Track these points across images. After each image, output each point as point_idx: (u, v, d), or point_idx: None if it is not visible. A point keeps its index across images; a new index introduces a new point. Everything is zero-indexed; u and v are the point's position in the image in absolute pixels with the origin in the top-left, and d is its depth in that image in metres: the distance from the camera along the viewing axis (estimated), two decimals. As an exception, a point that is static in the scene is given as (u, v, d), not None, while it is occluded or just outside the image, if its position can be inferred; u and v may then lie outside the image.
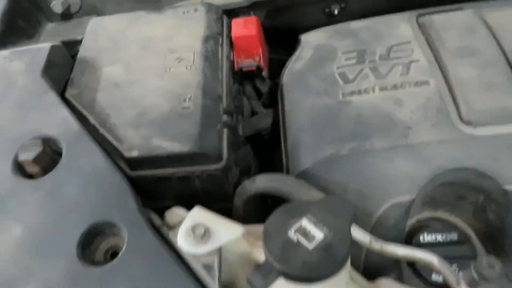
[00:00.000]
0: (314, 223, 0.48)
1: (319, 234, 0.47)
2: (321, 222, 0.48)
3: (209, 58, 0.78)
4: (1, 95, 0.74)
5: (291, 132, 0.73)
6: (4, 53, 0.83)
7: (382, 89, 0.70)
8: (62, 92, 0.78)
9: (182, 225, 0.53)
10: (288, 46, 0.91)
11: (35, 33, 0.99)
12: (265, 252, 0.47)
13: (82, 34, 0.89)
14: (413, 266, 0.69)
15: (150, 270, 0.50)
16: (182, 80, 0.74)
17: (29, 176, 0.63)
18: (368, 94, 0.70)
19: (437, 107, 0.66)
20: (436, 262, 0.52)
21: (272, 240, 0.47)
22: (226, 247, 0.54)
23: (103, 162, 0.61)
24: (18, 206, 0.59)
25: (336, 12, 1.05)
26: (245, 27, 0.84)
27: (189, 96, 0.71)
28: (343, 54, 0.77)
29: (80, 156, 0.62)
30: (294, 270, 0.45)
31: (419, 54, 0.73)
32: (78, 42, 0.87)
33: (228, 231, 0.53)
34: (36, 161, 0.61)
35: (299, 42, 0.85)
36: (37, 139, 0.64)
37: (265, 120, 0.89)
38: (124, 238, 0.55)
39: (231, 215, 0.68)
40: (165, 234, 0.55)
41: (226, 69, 0.81)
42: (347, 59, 0.75)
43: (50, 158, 0.63)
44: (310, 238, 0.47)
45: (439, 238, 0.69)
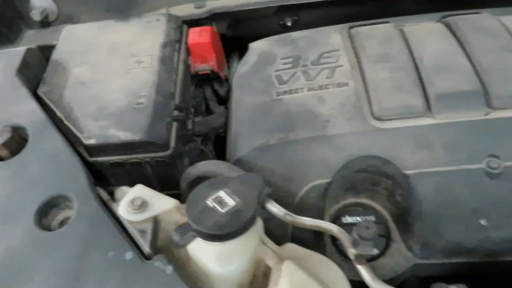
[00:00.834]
0: (229, 194, 0.58)
1: (232, 202, 0.57)
2: (234, 193, 0.58)
3: (165, 61, 0.88)
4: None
5: (233, 125, 0.84)
6: (-15, 55, 0.94)
7: (310, 89, 0.81)
8: (35, 89, 0.88)
9: (124, 198, 0.63)
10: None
11: (16, 38, 1.10)
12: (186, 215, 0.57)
13: (58, 40, 1.00)
14: (335, 244, 0.80)
15: (94, 234, 0.60)
16: (139, 79, 0.85)
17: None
18: (297, 93, 0.81)
19: (353, 104, 0.77)
20: (335, 230, 0.62)
21: (193, 206, 0.57)
22: (162, 217, 0.64)
23: (63, 147, 0.71)
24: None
25: (289, 24, 1.17)
26: (200, 35, 0.95)
27: (143, 93, 0.82)
28: (282, 59, 0.88)
29: (43, 141, 0.72)
30: (206, 228, 0.55)
31: (345, 60, 0.84)
32: (53, 47, 0.98)
33: (162, 203, 0.63)
34: (5, 145, 0.71)
35: (248, 49, 0.96)
36: (7, 127, 0.74)
37: (219, 119, 1.00)
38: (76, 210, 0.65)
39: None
40: (110, 206, 0.65)
41: (182, 71, 0.92)
42: (284, 64, 0.87)
43: (17, 143, 0.73)
44: (224, 205, 0.57)
45: (359, 219, 0.80)
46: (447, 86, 0.75)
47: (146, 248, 0.59)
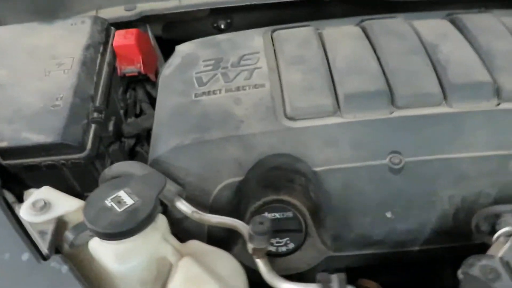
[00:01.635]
0: (128, 193, 0.59)
1: (130, 201, 0.58)
2: (134, 192, 0.59)
3: (86, 63, 0.88)
4: None
5: (154, 127, 0.85)
6: None
7: (227, 90, 0.83)
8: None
9: (27, 200, 0.63)
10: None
11: None
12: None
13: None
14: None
15: (-6, 235, 0.60)
16: (58, 82, 0.84)
17: None
18: (215, 94, 0.82)
19: (266, 105, 0.79)
20: (238, 226, 0.64)
21: (90, 206, 0.58)
22: (69, 218, 0.64)
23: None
24: None
25: (223, 26, 1.19)
26: (125, 38, 0.95)
27: (61, 95, 0.81)
28: (204, 61, 0.90)
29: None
30: (100, 227, 0.55)
31: (263, 62, 0.87)
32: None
33: (66, 205, 0.63)
34: None
35: (174, 51, 0.97)
36: None
37: (148, 120, 1.00)
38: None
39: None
40: (13, 208, 0.65)
41: (106, 73, 0.92)
42: (206, 66, 0.88)
43: None
44: (122, 205, 0.58)
45: (277, 215, 0.82)
46: (355, 87, 0.79)
47: (44, 248, 0.59)
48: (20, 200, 0.70)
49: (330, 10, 1.20)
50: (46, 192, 0.65)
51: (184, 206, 0.68)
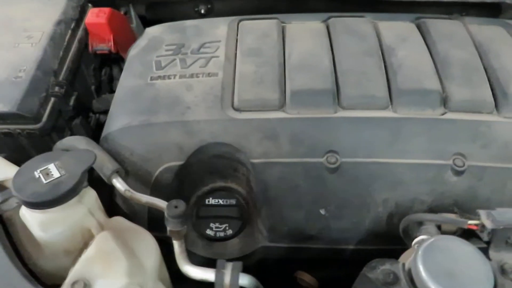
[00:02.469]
0: (57, 167, 0.63)
1: (57, 174, 0.62)
2: (63, 166, 0.63)
3: (55, 38, 0.92)
4: None
5: (111, 105, 0.88)
6: None
7: (181, 76, 0.85)
8: None
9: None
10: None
11: None
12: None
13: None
14: (195, 224, 0.85)
15: None
16: (24, 54, 0.88)
17: None
18: (169, 79, 0.85)
19: (215, 94, 0.81)
20: (164, 206, 0.66)
21: (20, 175, 0.62)
22: (8, 184, 0.69)
23: None
24: None
25: (203, 11, 1.20)
26: (97, 16, 0.98)
27: (24, 68, 0.85)
28: (166, 46, 0.92)
29: None
30: (24, 196, 0.59)
31: (222, 51, 0.88)
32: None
33: (7, 171, 0.67)
34: None
35: (143, 33, 0.99)
36: None
37: (117, 98, 1.04)
38: None
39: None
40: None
41: (74, 49, 0.95)
42: (167, 50, 0.90)
43: None
44: (48, 177, 0.62)
45: (221, 201, 0.85)
46: (302, 84, 0.80)
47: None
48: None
49: (312, 4, 1.20)
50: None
51: (118, 184, 0.72)
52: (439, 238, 0.61)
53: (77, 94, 0.92)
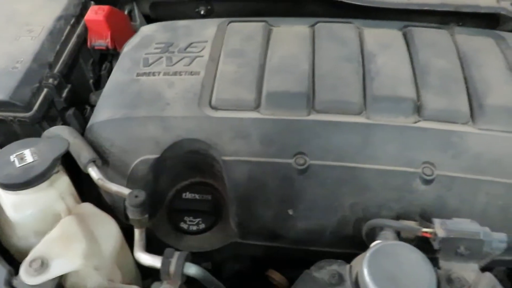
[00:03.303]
0: (32, 153, 0.67)
1: (30, 159, 0.66)
2: (37, 152, 0.67)
3: (53, 33, 0.97)
4: None
5: (100, 98, 0.92)
6: None
7: (165, 73, 0.88)
8: None
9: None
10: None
11: None
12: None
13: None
14: (168, 216, 0.88)
15: None
16: (23, 47, 0.94)
17: None
18: (154, 76, 0.88)
19: (194, 92, 0.84)
20: (126, 193, 0.70)
21: (-3, 158, 0.67)
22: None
23: None
24: None
25: (202, 12, 1.24)
26: (96, 13, 1.03)
27: (21, 59, 0.91)
28: (156, 44, 0.95)
29: None
30: (-2, 178, 0.64)
31: (207, 51, 0.91)
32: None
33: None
34: None
35: (138, 31, 1.04)
36: None
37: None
38: None
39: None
40: None
41: (73, 44, 1.01)
42: (156, 49, 0.94)
43: None
44: (22, 161, 0.66)
45: (197, 196, 0.88)
46: (278, 86, 0.82)
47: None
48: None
49: (309, 8, 1.21)
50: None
51: (93, 173, 0.76)
52: (388, 243, 0.62)
53: (70, 86, 0.96)
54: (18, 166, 0.65)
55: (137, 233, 0.67)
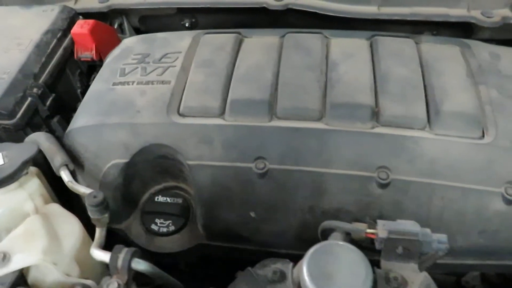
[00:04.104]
0: (3, 156, 0.73)
1: (1, 162, 0.72)
2: (8, 156, 0.73)
3: (40, 46, 1.04)
4: None
5: (79, 106, 0.98)
6: None
7: (139, 83, 0.93)
8: None
9: None
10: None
11: None
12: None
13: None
14: (141, 218, 0.92)
15: None
16: (11, 59, 1.00)
17: None
18: (128, 85, 0.93)
19: (164, 100, 0.88)
20: (87, 192, 0.74)
21: (-29, 161, 0.72)
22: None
23: None
24: None
25: (187, 25, 1.29)
26: (81, 27, 1.09)
27: (8, 70, 0.97)
28: (134, 55, 1.01)
29: None
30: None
31: (179, 62, 0.96)
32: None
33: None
34: None
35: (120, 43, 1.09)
36: None
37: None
38: None
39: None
40: None
41: (59, 56, 1.07)
42: (133, 59, 0.99)
43: None
44: (-6, 163, 0.72)
45: (169, 199, 0.92)
46: (243, 94, 0.86)
47: None
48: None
49: (290, 20, 1.25)
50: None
51: (64, 175, 0.81)
52: (328, 243, 0.64)
53: (54, 95, 1.02)
54: (-13, 168, 0.70)
55: (97, 231, 0.71)
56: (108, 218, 0.72)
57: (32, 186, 0.75)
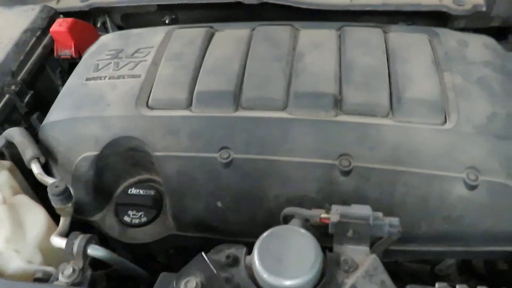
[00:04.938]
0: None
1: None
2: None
3: (19, 44, 1.06)
4: None
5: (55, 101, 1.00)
6: None
7: (111, 77, 0.95)
8: None
9: None
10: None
11: None
12: None
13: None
14: (114, 210, 0.94)
15: None
16: (-10, 57, 1.03)
17: None
18: (100, 80, 0.95)
19: (133, 93, 0.90)
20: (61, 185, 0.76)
21: None
22: None
23: None
24: None
25: (167, 21, 1.31)
26: (60, 25, 1.11)
27: (-13, 68, 1.00)
28: (108, 51, 1.03)
29: None
30: None
31: (151, 56, 0.97)
32: None
33: None
34: None
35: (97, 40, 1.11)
36: None
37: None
38: None
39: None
40: None
41: (38, 54, 1.09)
42: (107, 55, 1.01)
43: None
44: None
45: (141, 191, 0.94)
46: (209, 85, 0.87)
47: None
48: None
49: (265, 13, 1.26)
50: None
51: (35, 168, 0.83)
52: (280, 227, 0.65)
53: (33, 92, 1.05)
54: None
55: (62, 220, 0.73)
56: (72, 207, 0.74)
57: (0, 178, 0.77)
